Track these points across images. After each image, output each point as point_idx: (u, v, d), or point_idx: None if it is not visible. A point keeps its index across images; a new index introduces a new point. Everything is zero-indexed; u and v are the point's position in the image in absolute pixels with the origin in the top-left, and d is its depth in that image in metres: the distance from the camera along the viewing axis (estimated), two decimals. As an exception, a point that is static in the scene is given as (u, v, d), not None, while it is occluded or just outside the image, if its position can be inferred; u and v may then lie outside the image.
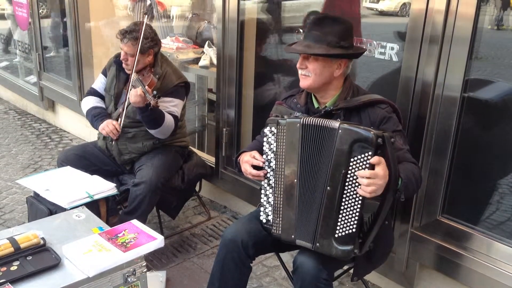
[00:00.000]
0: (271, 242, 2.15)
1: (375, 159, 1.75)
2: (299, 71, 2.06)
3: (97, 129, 3.04)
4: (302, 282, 1.92)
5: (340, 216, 1.87)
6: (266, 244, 2.16)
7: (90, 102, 3.15)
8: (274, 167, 2.04)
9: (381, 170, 1.75)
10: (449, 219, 2.38)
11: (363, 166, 1.79)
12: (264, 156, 2.07)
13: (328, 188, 1.88)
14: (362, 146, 1.79)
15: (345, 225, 1.86)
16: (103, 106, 3.14)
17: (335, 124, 1.86)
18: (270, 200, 2.08)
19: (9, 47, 6.40)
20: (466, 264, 2.29)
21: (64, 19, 4.84)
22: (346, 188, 1.84)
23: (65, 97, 5.00)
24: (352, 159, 1.81)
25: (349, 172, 1.82)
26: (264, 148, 2.07)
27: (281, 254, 2.38)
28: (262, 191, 2.11)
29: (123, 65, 2.95)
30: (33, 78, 5.68)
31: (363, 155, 1.79)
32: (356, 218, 1.84)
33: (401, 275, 2.57)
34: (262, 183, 2.10)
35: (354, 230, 1.85)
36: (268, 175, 2.07)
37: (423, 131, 2.31)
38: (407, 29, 2.29)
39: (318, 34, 1.99)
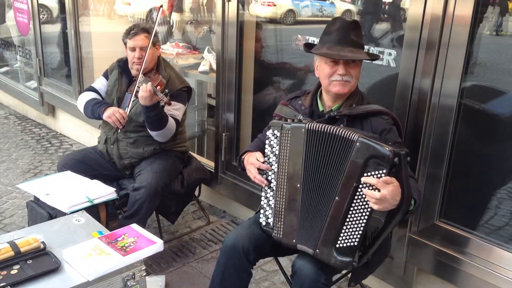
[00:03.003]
0: (271, 246, 2.15)
1: (386, 179, 1.73)
2: (337, 77, 2.01)
3: (99, 117, 2.98)
4: (301, 286, 1.92)
5: (344, 227, 1.86)
6: (266, 248, 2.17)
7: (88, 95, 3.11)
8: (276, 170, 2.04)
9: (391, 187, 1.73)
10: (447, 224, 2.39)
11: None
12: (266, 159, 2.07)
13: (337, 198, 1.86)
14: (377, 163, 1.75)
15: (348, 237, 1.85)
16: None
17: (354, 136, 1.82)
18: (270, 203, 2.08)
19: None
20: (463, 269, 2.30)
21: (65, 24, 4.87)
22: (355, 201, 1.82)
23: (65, 102, 5.02)
24: (365, 174, 1.78)
25: (360, 186, 1.80)
26: (266, 150, 2.08)
27: (280, 259, 2.39)
28: (263, 193, 2.11)
29: (135, 64, 2.92)
30: (33, 84, 5.70)
31: (376, 172, 1.75)
32: (360, 232, 1.83)
33: (399, 279, 2.58)
34: (263, 185, 2.10)
35: (356, 243, 1.84)
36: (269, 177, 2.07)
37: (421, 135, 2.33)
38: (404, 34, 2.31)
39: (356, 40, 2.02)
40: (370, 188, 1.77)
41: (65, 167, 2.96)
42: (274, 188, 2.06)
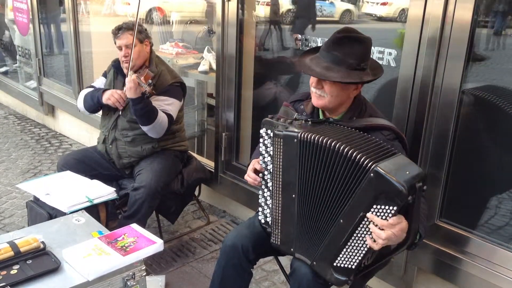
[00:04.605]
0: (271, 246, 2.13)
1: (395, 220, 1.64)
2: (313, 89, 1.95)
3: (99, 103, 3.00)
4: (299, 285, 1.92)
5: (344, 250, 1.81)
6: (266, 248, 2.14)
7: (88, 89, 3.16)
8: (271, 170, 1.99)
9: (398, 229, 1.65)
10: (447, 223, 2.39)
11: (383, 217, 1.67)
12: (261, 158, 2.03)
13: (341, 221, 1.78)
14: (389, 198, 1.64)
15: (346, 260, 1.82)
16: None
17: (368, 163, 1.67)
18: (268, 202, 2.07)
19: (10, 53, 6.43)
20: (464, 268, 2.30)
21: (64, 25, 4.87)
22: (359, 228, 1.75)
23: (65, 102, 5.02)
24: (374, 206, 1.68)
25: (367, 216, 1.70)
26: (260, 149, 2.02)
27: (280, 258, 2.38)
28: (260, 192, 2.09)
29: (123, 63, 2.94)
30: (33, 83, 5.70)
31: (387, 207, 1.65)
32: (360, 258, 1.79)
33: (400, 279, 2.57)
34: (256, 182, 2.08)
35: (353, 267, 1.81)
36: (266, 177, 2.04)
37: (421, 135, 2.33)
38: (404, 34, 2.31)
39: (338, 56, 1.87)
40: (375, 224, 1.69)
41: (65, 167, 2.96)
42: (271, 188, 2.02)
